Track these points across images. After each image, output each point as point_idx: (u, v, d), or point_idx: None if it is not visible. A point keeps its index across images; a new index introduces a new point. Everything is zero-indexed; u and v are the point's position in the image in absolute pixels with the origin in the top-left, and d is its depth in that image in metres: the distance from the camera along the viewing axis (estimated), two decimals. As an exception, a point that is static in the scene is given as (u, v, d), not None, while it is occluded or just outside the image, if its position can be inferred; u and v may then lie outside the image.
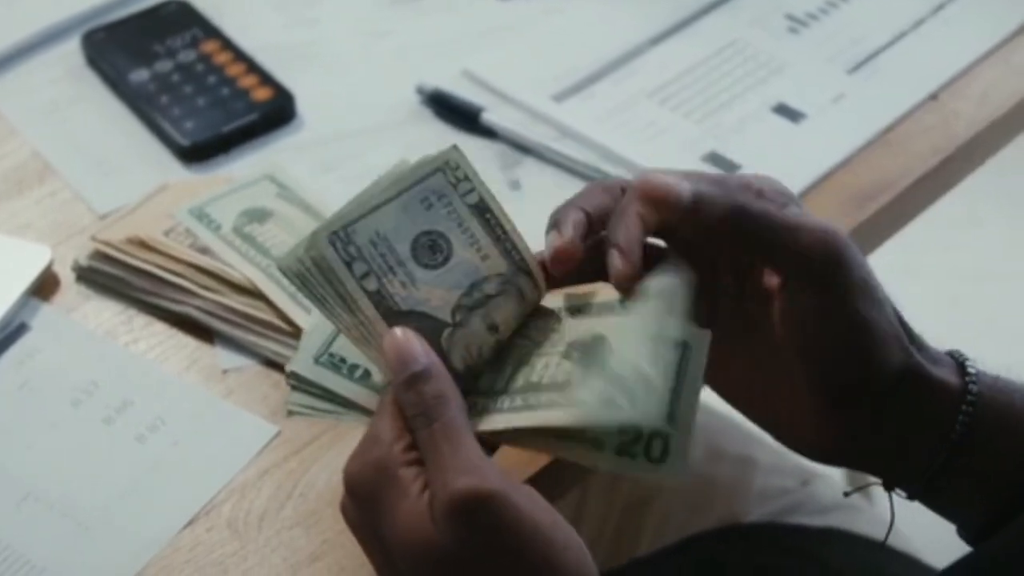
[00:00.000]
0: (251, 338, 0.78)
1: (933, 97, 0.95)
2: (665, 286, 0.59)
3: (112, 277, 0.81)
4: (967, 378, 0.62)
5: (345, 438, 0.74)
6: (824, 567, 0.87)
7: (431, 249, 0.59)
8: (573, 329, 0.60)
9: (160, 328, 0.80)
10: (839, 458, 0.66)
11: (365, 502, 0.55)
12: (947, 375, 0.62)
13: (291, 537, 0.69)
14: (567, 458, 0.57)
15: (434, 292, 0.58)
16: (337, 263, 0.57)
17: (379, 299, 0.57)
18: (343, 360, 0.60)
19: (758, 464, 0.96)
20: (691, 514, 0.92)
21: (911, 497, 0.64)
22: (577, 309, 0.61)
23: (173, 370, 0.78)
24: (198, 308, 0.79)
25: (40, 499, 0.71)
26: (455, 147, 0.61)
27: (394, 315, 0.57)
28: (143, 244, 0.81)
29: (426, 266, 0.59)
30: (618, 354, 0.57)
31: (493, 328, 0.60)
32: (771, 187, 0.62)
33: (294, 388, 0.61)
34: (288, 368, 0.61)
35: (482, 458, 0.54)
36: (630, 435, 0.56)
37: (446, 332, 0.58)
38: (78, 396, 0.76)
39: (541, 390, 0.57)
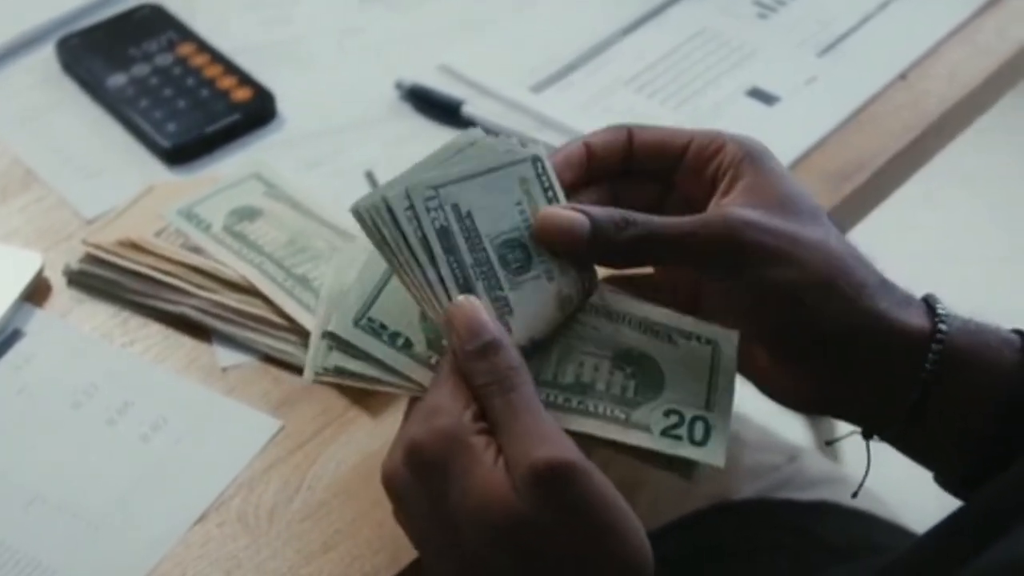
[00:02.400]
0: (248, 335, 0.78)
1: (902, 77, 0.97)
2: (716, 336, 0.62)
3: (105, 280, 0.82)
4: (936, 319, 0.62)
5: (348, 429, 0.75)
6: (817, 540, 0.89)
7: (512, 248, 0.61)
8: (616, 335, 0.62)
9: (156, 329, 0.80)
10: (817, 408, 0.67)
11: (431, 471, 0.55)
12: (915, 318, 0.62)
13: (302, 529, 0.70)
14: (617, 439, 0.59)
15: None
16: (427, 221, 0.58)
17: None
18: (383, 326, 0.60)
19: (745, 442, 0.98)
20: (682, 494, 0.94)
21: (887, 441, 0.65)
22: (619, 316, 0.63)
23: (172, 370, 0.78)
24: (194, 307, 0.79)
25: (48, 501, 0.71)
26: (545, 145, 0.64)
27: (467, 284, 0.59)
28: (135, 246, 0.81)
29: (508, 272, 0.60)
30: (675, 391, 0.60)
31: (559, 313, 0.61)
32: (741, 147, 0.64)
33: (330, 350, 0.60)
34: (326, 328, 0.60)
35: (559, 430, 0.55)
36: (674, 420, 0.59)
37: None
38: (78, 399, 0.76)
39: (597, 397, 0.60)
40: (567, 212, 0.61)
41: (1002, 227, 2.24)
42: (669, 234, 0.61)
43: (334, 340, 0.60)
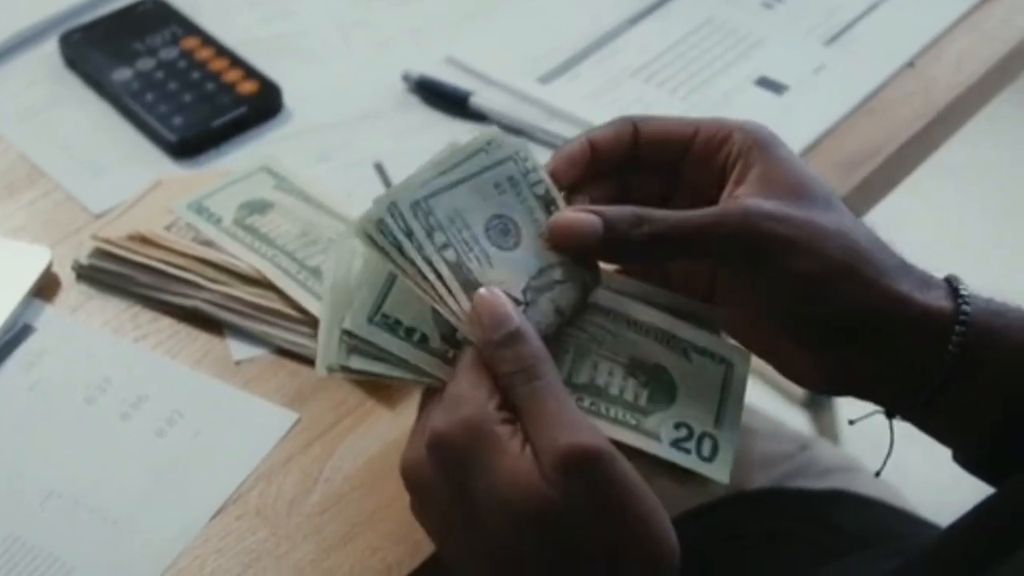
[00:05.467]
0: (262, 328, 0.78)
1: (910, 65, 0.97)
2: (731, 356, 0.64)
3: (115, 275, 0.81)
4: (959, 300, 0.62)
5: (366, 421, 0.74)
6: (834, 528, 0.88)
7: (502, 232, 0.60)
8: (631, 341, 0.62)
9: (168, 323, 0.79)
10: (840, 389, 0.66)
11: (455, 461, 0.55)
12: (937, 299, 0.62)
13: (322, 522, 0.69)
14: (627, 443, 0.59)
15: (505, 272, 0.59)
16: (420, 231, 0.58)
17: (458, 269, 0.58)
18: (398, 322, 0.60)
19: (756, 432, 0.98)
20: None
21: (910, 420, 0.65)
22: (636, 323, 0.63)
23: (185, 364, 0.77)
24: (206, 301, 0.79)
25: (64, 497, 0.70)
26: (524, 140, 0.64)
27: (472, 286, 0.58)
28: (145, 240, 0.80)
29: (499, 247, 0.60)
30: (686, 406, 0.61)
31: (559, 312, 0.60)
32: (749, 134, 0.63)
33: (347, 348, 0.59)
34: (343, 327, 0.59)
35: (585, 417, 0.55)
36: (683, 433, 0.60)
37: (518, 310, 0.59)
38: (92, 394, 0.76)
39: (610, 401, 0.60)
40: (578, 214, 0.60)
41: (987, 217, 2.24)
42: (685, 230, 0.60)
43: (350, 337, 0.59)
